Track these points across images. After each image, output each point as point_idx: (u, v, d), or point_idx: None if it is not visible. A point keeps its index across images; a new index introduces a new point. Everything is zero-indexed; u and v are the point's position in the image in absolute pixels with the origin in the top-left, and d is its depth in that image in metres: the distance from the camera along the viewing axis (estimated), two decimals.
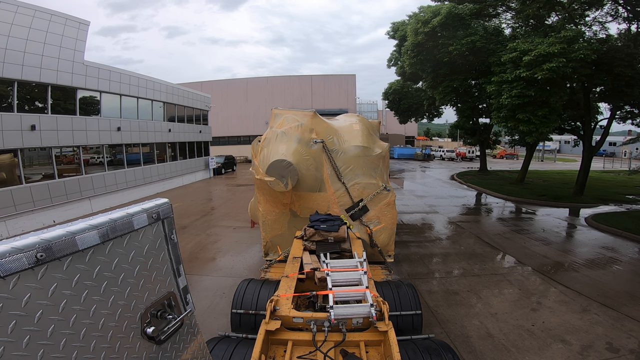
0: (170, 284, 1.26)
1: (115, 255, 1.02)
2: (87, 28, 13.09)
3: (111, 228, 1.00)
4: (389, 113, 41.68)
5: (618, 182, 21.02)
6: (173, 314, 1.27)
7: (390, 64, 25.88)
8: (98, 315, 0.99)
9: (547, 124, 12.76)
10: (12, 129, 10.63)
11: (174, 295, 1.28)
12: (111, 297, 1.02)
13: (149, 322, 1.15)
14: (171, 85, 20.61)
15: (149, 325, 1.15)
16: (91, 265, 0.96)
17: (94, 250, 0.96)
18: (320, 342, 2.76)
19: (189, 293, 1.37)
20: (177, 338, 1.29)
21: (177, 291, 1.30)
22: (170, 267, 1.25)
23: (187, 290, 1.36)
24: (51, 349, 0.89)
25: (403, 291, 4.17)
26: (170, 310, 1.26)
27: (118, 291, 1.04)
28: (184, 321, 1.31)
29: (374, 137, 6.81)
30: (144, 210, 1.11)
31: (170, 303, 1.26)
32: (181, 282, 1.31)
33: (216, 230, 10.68)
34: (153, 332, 1.15)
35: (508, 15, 16.53)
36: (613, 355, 4.48)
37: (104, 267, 0.99)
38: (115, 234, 1.01)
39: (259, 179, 5.61)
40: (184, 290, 1.34)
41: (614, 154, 45.29)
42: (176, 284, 1.29)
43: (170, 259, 1.25)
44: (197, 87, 29.61)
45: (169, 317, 1.24)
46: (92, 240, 0.94)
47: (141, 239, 1.10)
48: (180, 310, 1.31)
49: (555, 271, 7.44)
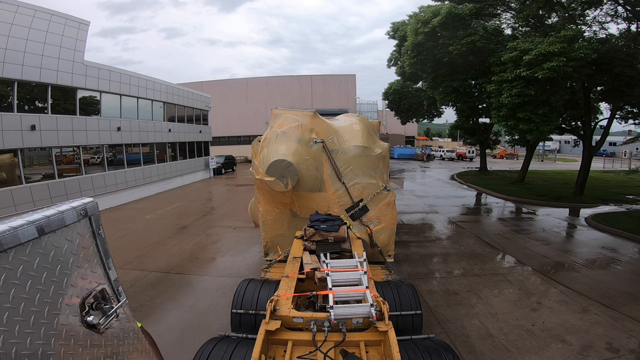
0: (101, 276, 1.36)
1: (51, 248, 1.12)
2: (87, 28, 13.10)
3: (46, 223, 1.10)
4: (389, 113, 41.68)
5: (618, 182, 21.01)
6: (108, 304, 1.36)
7: (390, 64, 25.88)
8: (42, 304, 1.07)
9: (548, 123, 12.75)
10: (12, 129, 10.64)
11: (106, 287, 1.37)
12: (51, 287, 1.10)
13: (87, 312, 1.25)
14: (171, 85, 20.61)
15: (88, 315, 1.24)
16: (31, 257, 1.04)
17: (33, 244, 1.05)
18: (320, 342, 2.75)
19: (120, 285, 1.46)
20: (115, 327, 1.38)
21: (109, 283, 1.39)
22: (100, 260, 1.36)
23: (118, 282, 1.45)
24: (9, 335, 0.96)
25: (403, 291, 4.17)
26: (104, 302, 1.34)
27: (56, 282, 1.13)
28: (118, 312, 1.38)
29: (374, 137, 6.81)
30: (73, 207, 1.22)
31: (104, 295, 1.35)
32: (112, 275, 1.41)
33: (216, 230, 10.68)
34: (93, 320, 1.25)
35: (508, 15, 16.53)
36: (613, 355, 4.48)
37: (42, 259, 1.08)
38: (49, 229, 1.11)
39: (259, 179, 5.61)
40: (115, 283, 1.43)
41: (614, 154, 45.27)
42: (107, 277, 1.39)
43: (99, 252, 1.36)
44: (197, 87, 29.61)
45: (105, 307, 1.33)
46: (30, 234, 1.03)
47: (72, 234, 1.21)
48: (114, 301, 1.40)
49: (555, 271, 7.44)
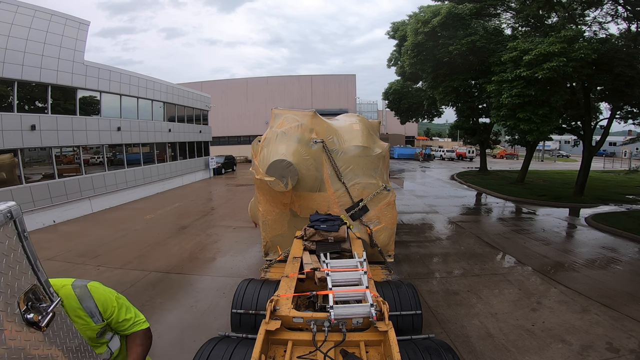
0: (32, 277, 1.41)
1: None
2: (87, 28, 13.09)
3: None
4: (389, 113, 41.69)
5: (618, 182, 21.01)
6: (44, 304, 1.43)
7: (390, 64, 25.90)
8: None
9: (548, 123, 12.76)
10: (12, 129, 10.64)
11: (38, 288, 1.43)
12: None
13: (25, 310, 1.31)
14: (171, 85, 20.61)
15: (27, 313, 1.31)
16: None
17: None
18: (320, 342, 2.75)
19: (51, 286, 1.53)
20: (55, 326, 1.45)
21: (40, 284, 1.45)
22: (28, 262, 1.41)
23: (49, 283, 1.52)
24: None
25: (403, 291, 4.16)
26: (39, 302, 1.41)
27: None
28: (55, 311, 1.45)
29: (374, 137, 6.81)
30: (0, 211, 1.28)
31: (37, 295, 1.41)
32: (41, 276, 1.47)
33: (216, 230, 10.68)
34: (33, 317, 1.32)
35: (508, 15, 16.54)
36: (613, 355, 4.48)
37: None
38: None
39: (259, 179, 5.61)
40: (46, 283, 1.49)
41: (614, 154, 45.28)
42: (37, 277, 1.44)
43: (27, 254, 1.41)
44: (197, 87, 29.62)
45: (41, 306, 1.40)
46: None
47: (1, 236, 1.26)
48: (48, 301, 1.47)
49: (555, 271, 7.44)
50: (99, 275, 7.10)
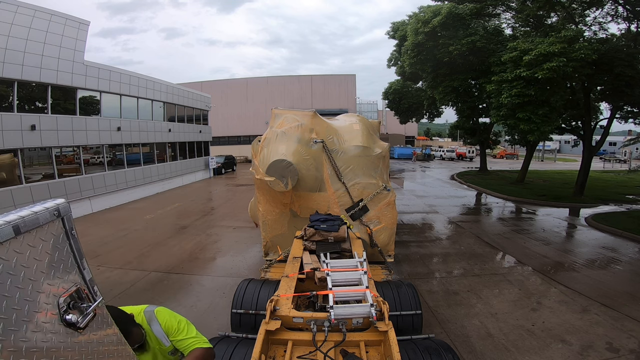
0: (76, 276, 1.39)
1: (27, 248, 1.16)
2: (87, 28, 13.09)
3: (22, 223, 1.13)
4: (389, 113, 41.67)
5: (618, 182, 21.01)
6: (85, 303, 1.40)
7: (390, 64, 25.89)
8: (22, 302, 1.11)
9: (548, 123, 12.76)
10: (12, 129, 10.63)
11: (82, 287, 1.40)
12: (29, 285, 1.14)
13: (65, 311, 1.29)
14: (171, 85, 20.60)
15: (66, 313, 1.28)
16: (10, 257, 1.09)
17: (11, 243, 1.09)
18: (320, 342, 2.75)
19: (96, 285, 1.49)
20: (94, 327, 1.42)
21: (84, 283, 1.43)
22: (74, 260, 1.39)
23: (94, 282, 1.48)
24: None
25: (403, 291, 4.16)
26: (81, 301, 1.38)
27: (34, 280, 1.17)
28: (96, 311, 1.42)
29: (374, 137, 6.81)
30: (47, 208, 1.25)
31: (80, 295, 1.38)
32: (87, 275, 1.44)
33: (216, 230, 10.68)
34: (72, 318, 1.29)
35: (508, 15, 16.54)
36: (613, 355, 4.48)
37: (19, 259, 1.13)
38: (25, 229, 1.15)
39: (259, 179, 5.61)
40: (91, 282, 1.46)
41: (614, 154, 45.27)
42: (82, 276, 1.42)
43: (73, 252, 1.38)
44: (197, 87, 29.61)
45: (82, 306, 1.37)
46: (8, 234, 1.08)
47: (46, 234, 1.24)
48: (90, 300, 1.44)
49: (555, 271, 7.44)
50: (99, 276, 7.10)
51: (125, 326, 1.73)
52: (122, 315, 1.79)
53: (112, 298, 6.05)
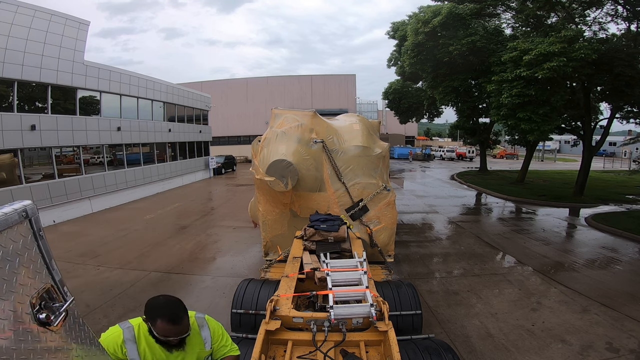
0: (46, 276, 1.41)
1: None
2: (87, 28, 13.09)
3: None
4: (389, 113, 41.66)
5: (618, 182, 21.01)
6: (57, 303, 1.42)
7: (390, 64, 25.90)
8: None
9: (549, 122, 12.76)
10: (12, 129, 10.63)
11: (52, 287, 1.43)
12: (3, 285, 1.16)
13: (38, 310, 1.31)
14: (171, 85, 20.61)
15: (39, 312, 1.31)
16: None
17: None
18: (320, 342, 2.75)
19: (65, 285, 1.52)
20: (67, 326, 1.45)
21: (54, 283, 1.45)
22: (43, 261, 1.41)
23: (63, 282, 1.51)
24: None
25: (403, 291, 4.16)
26: (52, 301, 1.40)
27: (7, 281, 1.18)
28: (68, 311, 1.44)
29: (374, 137, 6.81)
30: (15, 210, 1.28)
31: (50, 295, 1.40)
32: (56, 275, 1.46)
33: (216, 230, 10.68)
34: (45, 317, 1.31)
35: (508, 15, 16.54)
36: (613, 355, 4.48)
37: None
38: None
39: (259, 179, 5.61)
40: (60, 283, 1.48)
41: (614, 154, 45.26)
42: (51, 277, 1.44)
43: (42, 253, 1.41)
44: (197, 87, 29.61)
45: (54, 306, 1.39)
46: None
47: (16, 235, 1.26)
48: (61, 301, 1.46)
49: (555, 271, 7.44)
50: (98, 275, 7.10)
51: (183, 313, 1.85)
52: (180, 302, 1.88)
53: (112, 298, 6.05)
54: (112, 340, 1.88)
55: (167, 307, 1.83)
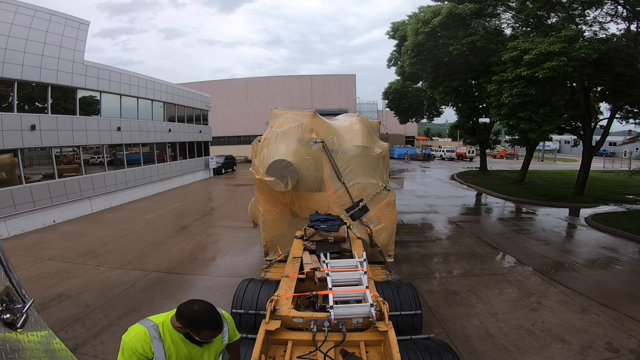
0: (4, 279, 1.42)
1: None
2: (87, 28, 13.08)
3: None
4: (389, 113, 41.66)
5: (618, 182, 21.01)
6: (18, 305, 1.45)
7: (390, 64, 25.89)
8: None
9: (550, 122, 12.76)
10: (12, 129, 10.62)
11: (11, 290, 1.44)
12: None
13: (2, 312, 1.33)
14: (171, 85, 20.60)
15: (2, 314, 1.33)
16: None
17: None
18: (320, 342, 2.76)
19: (23, 288, 1.54)
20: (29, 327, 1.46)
21: (12, 285, 1.46)
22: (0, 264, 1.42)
23: (21, 285, 1.53)
24: None
25: (403, 291, 4.17)
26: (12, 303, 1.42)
27: None
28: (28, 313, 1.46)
29: (374, 137, 6.81)
30: None
31: (10, 297, 1.42)
32: (13, 278, 1.48)
33: (216, 230, 10.68)
34: (9, 318, 1.33)
35: (508, 15, 16.54)
36: (613, 355, 4.48)
37: None
38: None
39: (259, 179, 5.61)
40: (19, 285, 1.50)
41: (614, 154, 45.26)
42: (9, 279, 1.45)
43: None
44: (197, 87, 29.61)
45: (16, 307, 1.41)
46: None
47: None
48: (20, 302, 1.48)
49: (555, 271, 7.44)
50: (98, 275, 7.10)
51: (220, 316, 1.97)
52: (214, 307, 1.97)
53: (112, 298, 6.05)
54: (141, 339, 1.86)
55: (208, 315, 1.90)
